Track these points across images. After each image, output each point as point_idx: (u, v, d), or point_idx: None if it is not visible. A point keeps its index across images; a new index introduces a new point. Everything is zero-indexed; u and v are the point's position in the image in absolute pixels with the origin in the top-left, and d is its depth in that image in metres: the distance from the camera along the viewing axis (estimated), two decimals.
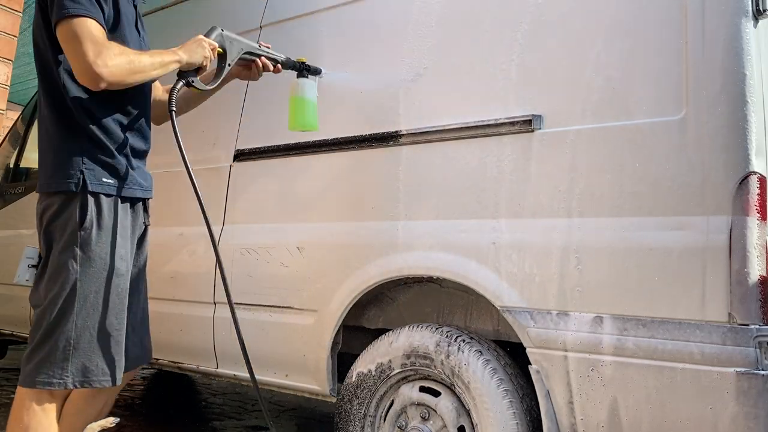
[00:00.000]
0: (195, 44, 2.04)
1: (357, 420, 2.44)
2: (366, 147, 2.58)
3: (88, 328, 1.91)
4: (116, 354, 1.96)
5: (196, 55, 2.03)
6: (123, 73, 1.84)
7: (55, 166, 1.95)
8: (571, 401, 2.00)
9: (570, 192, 2.07)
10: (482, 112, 2.29)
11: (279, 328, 2.70)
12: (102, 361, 1.92)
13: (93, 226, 1.92)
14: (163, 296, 3.13)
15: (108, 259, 1.94)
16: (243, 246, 2.86)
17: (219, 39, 2.13)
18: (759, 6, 1.91)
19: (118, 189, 1.97)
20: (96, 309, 1.92)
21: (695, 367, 1.81)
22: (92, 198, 1.92)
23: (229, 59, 2.16)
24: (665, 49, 1.99)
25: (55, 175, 1.94)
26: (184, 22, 3.55)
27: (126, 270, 2.00)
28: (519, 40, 2.28)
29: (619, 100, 2.04)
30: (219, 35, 2.14)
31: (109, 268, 1.94)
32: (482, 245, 2.21)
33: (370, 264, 2.45)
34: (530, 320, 2.08)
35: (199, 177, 3.14)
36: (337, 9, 2.85)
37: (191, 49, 2.03)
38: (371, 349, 2.45)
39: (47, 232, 1.97)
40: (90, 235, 1.91)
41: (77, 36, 1.80)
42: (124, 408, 4.20)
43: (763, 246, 1.81)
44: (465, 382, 2.18)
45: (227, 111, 3.12)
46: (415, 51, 2.54)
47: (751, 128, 1.84)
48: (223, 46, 2.15)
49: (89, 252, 1.91)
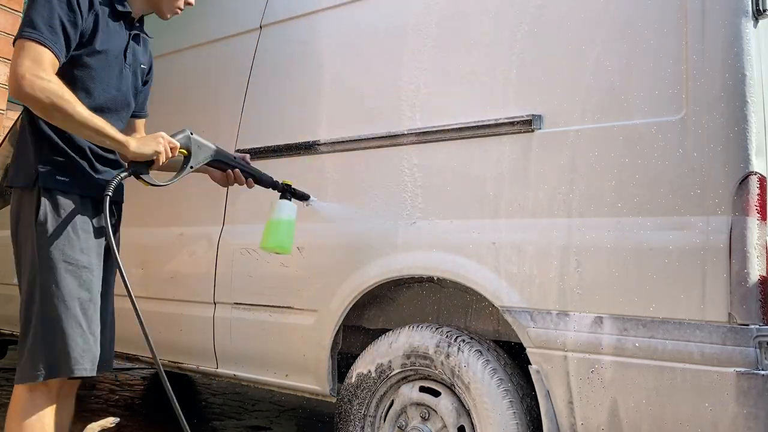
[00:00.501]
0: (151, 138, 2.02)
1: (357, 420, 2.44)
2: (366, 147, 2.58)
3: (53, 321, 1.93)
4: (85, 344, 1.96)
5: (146, 147, 1.98)
6: (45, 97, 1.82)
7: (20, 165, 2.03)
8: (571, 401, 2.00)
9: (570, 192, 2.07)
10: (482, 112, 2.29)
11: (279, 328, 2.70)
12: (70, 351, 1.93)
13: (48, 221, 1.95)
14: (163, 296, 3.14)
15: (68, 252, 1.95)
16: (243, 246, 2.86)
17: (185, 141, 2.11)
18: (759, 6, 1.91)
19: (73, 186, 1.99)
20: (61, 301, 1.93)
21: (695, 367, 1.81)
22: (47, 193, 1.97)
23: (192, 162, 2.13)
24: (665, 49, 1.98)
25: (18, 172, 2.03)
26: (185, 22, 3.55)
27: (90, 263, 2.00)
28: (519, 41, 2.28)
29: (619, 100, 2.04)
30: (186, 137, 2.11)
31: (69, 261, 1.96)
32: (482, 245, 2.20)
33: (370, 264, 2.45)
34: (530, 320, 2.08)
35: (199, 177, 3.16)
36: (337, 9, 2.85)
37: (144, 142, 2.00)
38: (371, 349, 2.45)
39: (14, 228, 2.05)
40: (45, 228, 1.95)
41: (22, 53, 1.85)
42: (124, 408, 4.20)
43: (763, 246, 1.81)
44: (465, 382, 2.18)
45: (227, 111, 3.12)
46: (415, 51, 2.54)
47: (751, 128, 1.84)
48: (188, 148, 2.12)
49: (45, 245, 1.94)
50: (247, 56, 3.11)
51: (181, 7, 2.21)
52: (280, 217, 2.38)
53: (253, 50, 3.11)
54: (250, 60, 3.09)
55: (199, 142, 2.15)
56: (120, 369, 5.62)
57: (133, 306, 1.93)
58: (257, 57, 3.08)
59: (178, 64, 3.49)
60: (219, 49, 3.31)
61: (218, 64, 3.28)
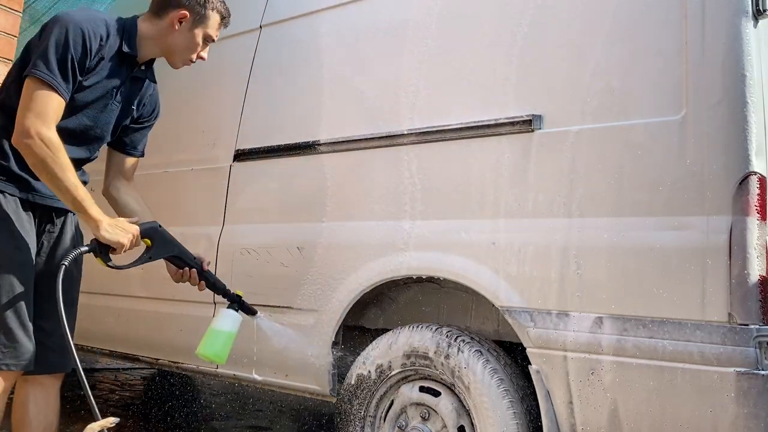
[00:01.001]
0: (122, 229, 2.03)
1: (357, 420, 2.44)
2: (366, 147, 2.58)
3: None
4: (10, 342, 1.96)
5: (113, 237, 2.00)
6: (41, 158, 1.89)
7: None
8: (571, 402, 2.00)
9: (570, 192, 2.07)
10: (482, 112, 2.29)
11: None
12: None
13: None
14: (163, 296, 3.13)
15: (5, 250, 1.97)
16: (243, 246, 2.86)
17: (150, 232, 2.14)
18: (759, 6, 1.91)
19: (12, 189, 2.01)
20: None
21: (695, 368, 1.81)
22: None
23: (152, 254, 2.18)
24: (665, 50, 1.98)
25: None
26: None
27: (26, 262, 2.01)
28: (519, 41, 2.27)
29: (619, 100, 2.04)
30: (152, 229, 2.15)
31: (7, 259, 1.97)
32: (482, 245, 2.20)
33: (370, 264, 2.45)
34: (530, 320, 2.08)
35: (199, 177, 3.17)
36: (337, 9, 2.85)
37: (114, 230, 2.01)
38: (371, 349, 2.44)
39: None
40: None
41: (35, 97, 1.90)
42: (124, 408, 4.20)
43: (763, 246, 1.81)
44: (465, 383, 2.18)
45: (227, 111, 3.12)
46: (415, 51, 2.53)
47: (751, 128, 1.84)
48: (153, 239, 2.16)
49: None
50: (247, 56, 3.11)
51: (193, 59, 2.22)
52: (222, 327, 2.34)
53: (253, 50, 3.10)
54: (250, 60, 3.09)
55: (165, 238, 2.19)
56: (120, 369, 5.62)
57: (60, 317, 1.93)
58: (257, 57, 3.08)
59: None
60: (219, 49, 3.31)
61: (218, 64, 3.27)
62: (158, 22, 2.15)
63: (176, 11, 2.13)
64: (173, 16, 2.13)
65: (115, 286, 3.30)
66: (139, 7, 3.80)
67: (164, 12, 2.14)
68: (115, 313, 3.29)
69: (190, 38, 2.16)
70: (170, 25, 2.14)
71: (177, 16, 2.13)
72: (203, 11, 2.15)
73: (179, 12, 2.13)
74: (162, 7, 2.15)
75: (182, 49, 2.18)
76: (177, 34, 2.15)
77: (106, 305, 3.33)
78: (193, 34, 2.16)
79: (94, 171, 2.70)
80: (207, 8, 2.15)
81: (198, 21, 2.15)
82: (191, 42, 2.17)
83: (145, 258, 2.17)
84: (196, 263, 2.29)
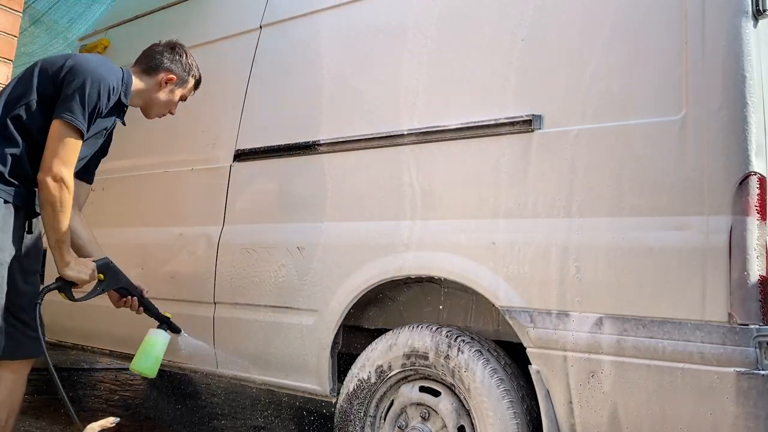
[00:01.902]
0: (83, 267, 2.30)
1: (357, 420, 2.44)
2: (366, 147, 2.58)
3: None
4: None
5: (77, 275, 2.27)
6: (53, 194, 2.13)
7: None
8: (571, 401, 2.00)
9: (570, 192, 2.07)
10: (482, 113, 2.29)
11: (279, 328, 2.70)
12: None
13: None
14: (163, 296, 3.13)
15: None
16: (243, 246, 2.86)
17: (104, 269, 2.39)
18: (759, 6, 1.91)
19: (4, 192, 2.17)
20: None
21: (695, 368, 1.81)
22: None
23: (105, 287, 2.43)
24: (665, 50, 1.98)
25: None
26: (186, 22, 3.55)
27: (4, 260, 2.16)
28: (519, 41, 2.27)
29: (620, 100, 2.04)
30: (106, 264, 2.40)
31: None
32: (482, 245, 2.20)
33: (370, 264, 2.45)
34: (530, 320, 2.08)
35: (199, 177, 3.17)
36: (337, 9, 2.85)
37: (77, 268, 2.28)
38: (371, 349, 2.44)
39: None
40: None
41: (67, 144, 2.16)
42: (124, 408, 4.20)
43: (763, 246, 1.81)
44: (465, 383, 2.18)
45: (227, 111, 3.12)
46: (415, 51, 2.53)
47: (751, 128, 1.84)
48: (105, 274, 2.40)
49: None
50: (247, 56, 3.11)
51: (165, 114, 2.60)
52: (155, 345, 2.59)
53: (253, 50, 3.10)
54: (250, 60, 3.09)
55: (115, 272, 2.44)
56: (120, 369, 5.62)
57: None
58: (257, 57, 3.08)
59: None
60: (219, 49, 3.31)
61: (218, 64, 3.28)
62: (148, 79, 2.48)
63: (166, 74, 2.49)
64: (162, 77, 2.49)
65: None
66: (137, 8, 3.80)
67: (155, 72, 2.48)
68: (115, 313, 3.29)
69: (171, 97, 2.54)
70: (158, 84, 2.49)
71: (165, 78, 2.49)
72: (186, 76, 2.55)
73: (168, 75, 2.49)
74: (153, 68, 2.48)
75: (162, 105, 2.54)
76: (162, 93, 2.51)
77: (106, 305, 3.33)
78: (174, 94, 2.54)
79: (97, 171, 2.71)
80: (189, 74, 2.56)
81: (180, 83, 2.54)
82: (171, 100, 2.55)
83: (98, 291, 2.42)
84: (138, 292, 2.55)
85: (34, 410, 3.71)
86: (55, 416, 3.65)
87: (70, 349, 3.79)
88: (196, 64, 2.59)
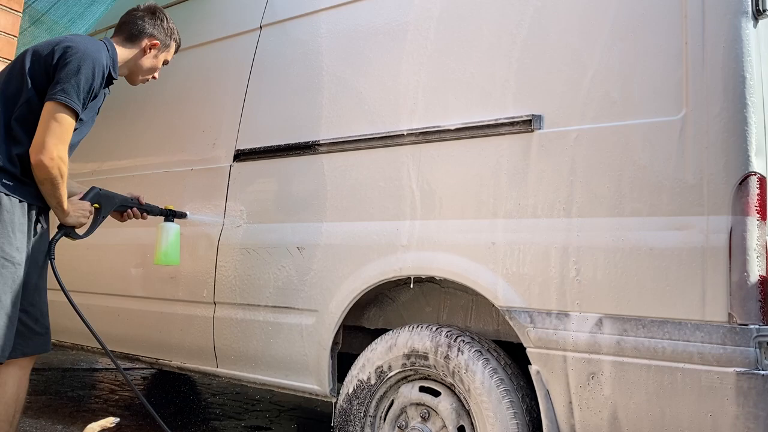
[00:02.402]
0: (80, 210, 2.39)
1: (357, 420, 2.44)
2: (366, 147, 2.58)
3: None
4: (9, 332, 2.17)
5: (76, 221, 2.38)
6: (52, 173, 2.17)
7: None
8: (571, 402, 2.00)
9: (570, 192, 2.07)
10: (482, 113, 2.29)
11: (279, 328, 2.70)
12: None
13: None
14: (163, 296, 3.14)
15: (6, 249, 2.16)
16: (243, 246, 2.86)
17: (95, 197, 2.49)
18: (759, 6, 1.91)
19: (15, 191, 2.20)
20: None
21: (695, 368, 1.81)
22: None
23: (104, 213, 2.54)
24: (665, 49, 1.98)
25: None
26: (186, 22, 3.55)
27: (22, 260, 2.21)
28: (519, 41, 2.28)
29: (620, 100, 2.04)
30: (96, 194, 2.49)
31: (6, 258, 2.16)
32: (482, 245, 2.20)
33: (370, 264, 2.45)
34: (530, 321, 2.08)
35: (199, 177, 3.17)
36: (337, 9, 2.85)
37: (76, 214, 2.37)
38: (371, 349, 2.45)
39: None
40: None
41: (61, 122, 2.18)
42: (124, 408, 4.20)
43: (763, 246, 1.81)
44: (465, 383, 2.18)
45: (227, 111, 3.12)
46: (415, 51, 2.54)
47: (750, 128, 1.84)
48: (99, 202, 2.50)
49: None
50: (247, 56, 3.11)
51: (149, 79, 2.63)
52: (169, 235, 2.80)
53: (253, 50, 3.10)
54: (250, 60, 3.09)
55: (106, 195, 2.54)
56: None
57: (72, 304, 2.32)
58: (257, 57, 3.08)
59: (179, 64, 3.49)
60: (219, 49, 3.31)
61: (218, 64, 3.28)
62: (131, 47, 2.50)
63: (149, 40, 2.51)
64: (146, 44, 2.51)
65: (115, 286, 3.31)
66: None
67: (138, 39, 2.50)
68: (115, 313, 3.30)
69: (155, 62, 2.57)
70: (142, 51, 2.51)
71: (149, 44, 2.51)
72: (168, 41, 2.58)
73: (152, 41, 2.52)
74: (136, 35, 2.50)
75: (146, 71, 2.56)
76: (146, 59, 2.53)
77: (106, 305, 3.34)
78: (158, 59, 2.57)
79: (97, 171, 2.71)
80: (171, 38, 2.59)
81: (163, 48, 2.57)
82: (155, 65, 2.58)
83: (99, 220, 2.52)
84: (134, 202, 2.67)
85: (34, 410, 3.71)
86: (55, 416, 3.65)
87: (70, 349, 3.79)
88: (176, 28, 2.62)
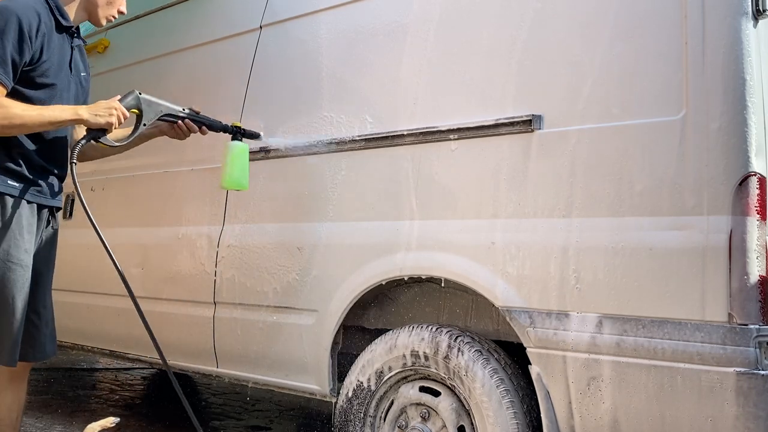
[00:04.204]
0: (103, 108, 2.14)
1: (357, 420, 2.44)
2: (366, 147, 2.58)
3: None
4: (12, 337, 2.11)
5: (99, 119, 2.13)
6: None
7: None
8: (571, 402, 2.00)
9: (570, 192, 2.07)
10: (482, 113, 2.29)
11: (279, 328, 2.70)
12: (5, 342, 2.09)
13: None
14: (163, 296, 3.14)
15: (13, 252, 2.09)
16: (243, 246, 2.86)
17: (135, 102, 2.24)
18: (759, 6, 1.91)
19: (22, 192, 2.13)
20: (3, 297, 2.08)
21: (695, 368, 1.81)
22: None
23: (145, 120, 2.28)
24: (665, 50, 1.98)
25: None
26: (186, 22, 3.55)
27: (29, 262, 2.15)
28: (519, 41, 2.27)
29: (619, 100, 2.04)
30: (135, 98, 2.25)
31: (13, 261, 2.10)
32: (482, 245, 2.20)
33: (370, 264, 2.45)
34: (530, 321, 2.08)
35: (199, 177, 3.17)
36: (337, 9, 2.85)
37: (96, 111, 2.13)
38: (371, 349, 2.44)
39: None
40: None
41: None
42: (124, 408, 4.20)
43: (763, 246, 1.81)
44: (465, 383, 2.18)
45: (227, 111, 3.11)
46: (415, 51, 2.53)
47: (750, 128, 1.84)
48: (139, 108, 2.25)
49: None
50: (247, 56, 3.11)
51: (115, 15, 2.33)
52: (238, 156, 2.52)
53: (253, 50, 3.10)
54: (250, 60, 3.09)
55: (149, 101, 2.28)
56: (120, 369, 5.62)
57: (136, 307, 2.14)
58: (257, 57, 3.08)
59: (179, 64, 3.49)
60: (219, 49, 3.31)
61: (218, 64, 3.28)
62: None
63: None
64: None
65: (115, 286, 3.30)
66: (137, 8, 3.79)
67: None
68: (115, 313, 3.29)
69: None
70: None
71: None
72: None
73: None
74: None
75: (104, 5, 2.26)
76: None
77: (107, 305, 3.33)
78: None
79: (97, 171, 2.71)
80: None
81: None
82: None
83: (139, 127, 2.27)
84: (188, 113, 2.39)
85: (34, 410, 3.71)
86: (55, 416, 3.65)
87: (70, 349, 3.80)
88: None
